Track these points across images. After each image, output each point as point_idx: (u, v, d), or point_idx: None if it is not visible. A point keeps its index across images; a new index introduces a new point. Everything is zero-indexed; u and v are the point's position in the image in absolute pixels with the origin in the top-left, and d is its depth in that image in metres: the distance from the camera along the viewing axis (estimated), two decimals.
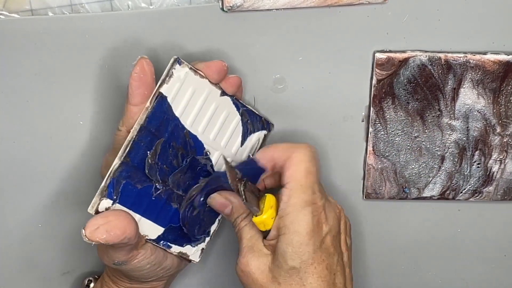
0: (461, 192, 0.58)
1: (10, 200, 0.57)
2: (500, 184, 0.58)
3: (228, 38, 0.54)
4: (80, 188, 0.56)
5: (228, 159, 0.52)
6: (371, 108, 0.56)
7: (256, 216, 0.48)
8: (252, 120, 0.54)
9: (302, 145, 0.49)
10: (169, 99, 0.49)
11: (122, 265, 0.49)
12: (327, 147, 0.57)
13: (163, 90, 0.49)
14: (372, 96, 0.56)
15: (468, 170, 0.58)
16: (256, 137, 0.55)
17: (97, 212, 0.47)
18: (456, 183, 0.58)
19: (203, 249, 0.54)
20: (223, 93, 0.52)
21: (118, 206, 0.48)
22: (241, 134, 0.54)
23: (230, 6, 0.52)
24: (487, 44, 0.55)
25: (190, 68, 0.50)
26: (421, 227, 0.60)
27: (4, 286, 0.59)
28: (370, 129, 0.56)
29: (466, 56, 0.55)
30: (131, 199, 0.48)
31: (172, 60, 0.48)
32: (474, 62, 0.55)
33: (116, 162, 0.47)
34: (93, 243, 0.45)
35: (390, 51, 0.55)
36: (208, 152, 0.52)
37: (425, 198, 0.59)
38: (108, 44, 0.53)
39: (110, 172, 0.47)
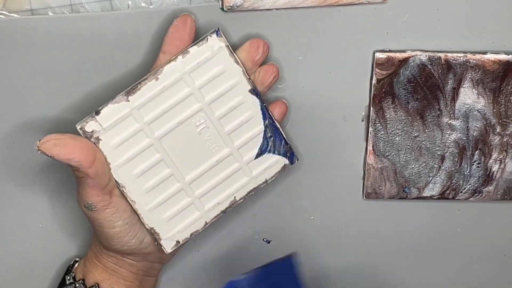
0: (461, 192, 0.58)
1: (10, 200, 0.57)
2: (500, 184, 0.58)
3: (228, 38, 0.54)
4: None
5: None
6: (371, 107, 0.56)
7: None
8: (275, 140, 0.53)
9: None
10: (193, 63, 0.49)
11: (92, 209, 0.49)
12: (327, 147, 0.57)
13: (192, 50, 0.49)
14: (372, 95, 0.56)
15: (468, 170, 0.58)
16: (275, 160, 0.53)
17: (83, 130, 0.49)
18: (456, 183, 0.58)
19: (178, 242, 0.53)
20: (254, 92, 0.51)
21: (105, 136, 0.49)
22: (258, 147, 0.52)
23: (230, 6, 0.52)
24: (487, 44, 0.55)
25: (227, 46, 0.50)
26: (421, 227, 0.60)
27: (4, 286, 0.59)
28: (370, 129, 0.56)
29: (466, 56, 0.55)
30: None
31: (213, 29, 0.49)
32: (474, 61, 0.55)
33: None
34: (40, 152, 0.46)
35: (390, 51, 0.55)
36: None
37: (425, 198, 0.59)
38: (108, 44, 0.53)
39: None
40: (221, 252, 0.60)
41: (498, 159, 0.57)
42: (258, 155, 0.53)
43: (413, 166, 0.57)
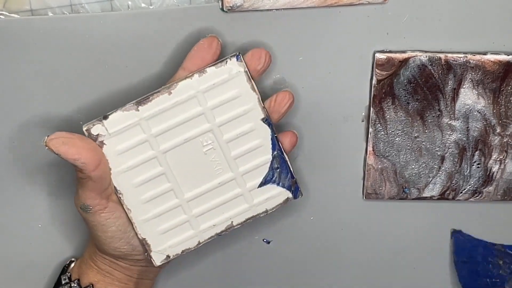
0: (461, 192, 0.58)
1: (10, 200, 0.57)
2: (500, 184, 0.58)
3: (228, 38, 0.54)
4: None
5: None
6: (371, 108, 0.56)
7: None
8: (282, 172, 0.52)
9: None
10: (209, 84, 0.49)
11: (88, 211, 0.49)
12: (327, 147, 0.57)
13: (209, 70, 0.49)
14: (372, 96, 0.56)
15: (468, 170, 0.58)
16: (278, 192, 0.52)
17: (88, 132, 0.49)
18: (456, 183, 0.58)
19: (168, 256, 0.52)
20: (266, 121, 0.50)
21: (110, 141, 0.49)
22: (263, 176, 0.52)
23: (230, 6, 0.52)
24: (487, 44, 0.55)
25: (245, 72, 0.49)
26: (421, 227, 0.60)
27: (4, 286, 0.59)
28: (370, 129, 0.56)
29: (466, 56, 0.55)
30: None
31: (234, 53, 0.49)
32: (474, 62, 0.55)
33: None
34: (46, 148, 0.46)
35: (390, 51, 0.55)
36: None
37: (425, 198, 0.59)
38: (108, 44, 0.53)
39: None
40: (221, 252, 0.60)
41: (498, 159, 0.57)
42: (262, 184, 0.52)
43: (413, 166, 0.57)
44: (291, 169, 0.52)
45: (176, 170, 0.50)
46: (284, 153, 0.52)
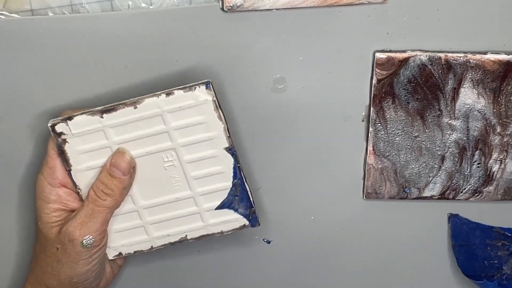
0: (461, 192, 0.58)
1: (10, 200, 0.57)
2: (500, 184, 0.58)
3: (228, 38, 0.54)
4: None
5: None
6: (371, 108, 0.56)
7: None
8: (241, 200, 0.53)
9: None
10: (175, 106, 0.49)
11: (91, 244, 0.49)
12: (327, 147, 0.57)
13: (177, 92, 0.49)
14: (372, 96, 0.56)
15: (468, 170, 0.58)
16: (235, 218, 0.53)
17: (52, 128, 0.49)
18: (456, 183, 0.58)
19: (121, 253, 0.54)
20: (230, 151, 0.51)
21: (72, 140, 0.49)
22: (221, 200, 0.52)
23: (230, 6, 0.52)
24: (487, 44, 0.55)
25: (213, 101, 0.49)
26: (421, 227, 0.60)
27: (3, 287, 0.59)
28: (370, 129, 0.56)
29: (466, 56, 0.55)
30: None
31: (204, 80, 0.49)
32: (474, 62, 0.55)
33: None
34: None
35: (390, 51, 0.55)
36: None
37: (425, 198, 0.59)
38: (108, 44, 0.53)
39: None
40: (221, 252, 0.60)
41: (498, 159, 0.57)
42: (219, 207, 0.53)
43: (413, 166, 0.57)
44: (252, 199, 0.53)
45: (135, 178, 0.51)
46: (246, 183, 0.52)
